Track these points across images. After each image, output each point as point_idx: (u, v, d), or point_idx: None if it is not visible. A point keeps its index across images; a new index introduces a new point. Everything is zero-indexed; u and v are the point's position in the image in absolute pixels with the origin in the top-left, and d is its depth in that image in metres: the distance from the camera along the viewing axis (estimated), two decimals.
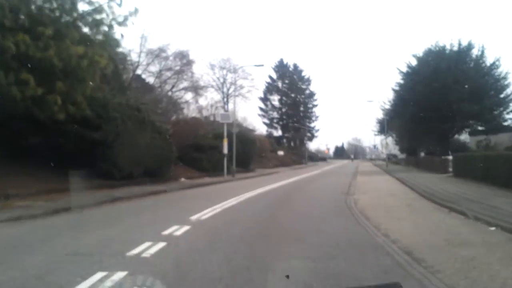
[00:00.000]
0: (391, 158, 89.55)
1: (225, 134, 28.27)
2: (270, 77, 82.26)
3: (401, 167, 43.64)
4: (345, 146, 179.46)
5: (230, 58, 72.58)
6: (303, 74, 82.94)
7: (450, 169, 24.99)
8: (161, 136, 21.52)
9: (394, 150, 57.51)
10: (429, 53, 33.48)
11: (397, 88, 38.65)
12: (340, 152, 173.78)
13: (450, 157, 26.13)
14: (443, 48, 32.81)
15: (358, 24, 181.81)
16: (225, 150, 28.11)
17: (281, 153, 59.23)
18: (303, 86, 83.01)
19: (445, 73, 30.73)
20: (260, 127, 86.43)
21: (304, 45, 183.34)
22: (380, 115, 61.98)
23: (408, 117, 36.36)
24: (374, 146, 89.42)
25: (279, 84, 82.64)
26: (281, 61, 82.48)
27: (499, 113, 30.90)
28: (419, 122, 35.14)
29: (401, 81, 37.35)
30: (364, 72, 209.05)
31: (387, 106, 60.36)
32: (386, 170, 38.68)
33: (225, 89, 76.44)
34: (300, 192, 18.43)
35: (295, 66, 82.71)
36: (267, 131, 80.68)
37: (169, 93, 47.73)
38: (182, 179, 24.45)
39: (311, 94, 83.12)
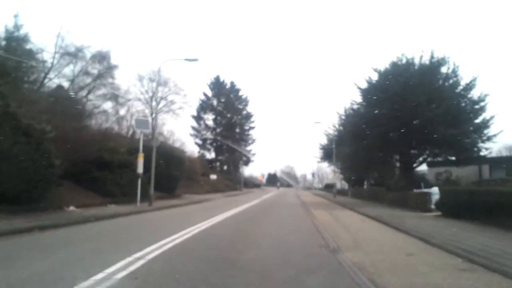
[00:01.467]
0: (329, 188, 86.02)
1: (141, 147, 20.96)
2: (205, 94, 75.76)
3: (352, 199, 38.22)
4: (278, 173, 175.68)
5: (161, 70, 65.21)
6: (240, 93, 77.33)
7: (433, 206, 19.45)
8: (32, 141, 13.79)
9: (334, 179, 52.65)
10: (394, 66, 28.56)
11: (351, 107, 33.35)
12: (272, 180, 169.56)
13: (432, 191, 20.65)
14: (411, 60, 28.04)
15: (302, 40, 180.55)
16: (140, 169, 20.75)
17: (214, 177, 52.20)
18: (240, 106, 77.11)
19: (416, 90, 25.77)
20: (191, 148, 79.13)
21: (242, 63, 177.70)
22: (324, 140, 57.61)
23: (362, 142, 31.06)
24: (313, 174, 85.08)
25: (214, 102, 76.16)
26: (217, 78, 76.33)
27: (472, 141, 26.29)
28: (377, 148, 29.94)
29: (355, 101, 32.12)
30: (304, 96, 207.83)
31: (331, 131, 56.24)
32: (339, 202, 32.98)
33: (154, 103, 68.91)
34: (250, 244, 10.30)
35: (232, 84, 76.91)
36: (199, 152, 73.48)
37: (84, 100, 39.84)
38: (71, 208, 16.66)
39: (248, 116, 77.41)
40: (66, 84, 35.84)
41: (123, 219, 15.74)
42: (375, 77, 29.62)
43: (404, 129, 27.52)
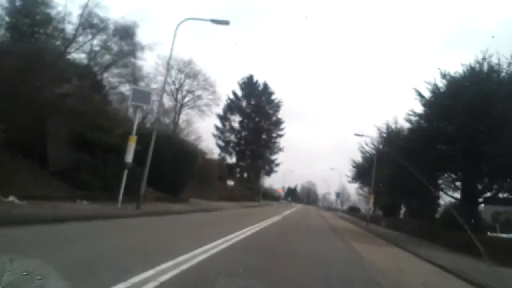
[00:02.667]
0: (354, 211, 79.22)
1: (135, 127, 15.69)
2: (234, 93, 70.65)
3: (389, 231, 31.99)
4: (298, 188, 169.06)
5: (193, 61, 60.57)
6: (273, 97, 71.76)
7: None
8: None
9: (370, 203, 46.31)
10: (472, 72, 22.49)
11: (408, 118, 27.20)
12: (292, 194, 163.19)
13: None
14: (497, 67, 21.94)
15: (349, 48, 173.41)
16: (129, 157, 15.43)
17: (231, 183, 46.82)
18: (270, 111, 71.61)
19: (501, 106, 19.72)
20: (212, 149, 74.16)
21: (278, 63, 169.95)
22: (358, 158, 51.51)
23: (414, 162, 24.92)
24: (337, 194, 78.66)
25: (244, 103, 70.96)
26: (250, 78, 71.24)
27: None
28: (433, 171, 24.00)
29: (413, 112, 26.04)
30: (339, 108, 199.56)
31: (369, 148, 50.06)
32: (376, 233, 26.95)
33: (179, 96, 64.48)
34: None
35: (266, 86, 71.49)
36: (220, 155, 68.22)
37: (99, 77, 35.39)
38: (10, 199, 11.39)
39: (278, 122, 71.76)
40: (85, 61, 31.39)
41: (77, 226, 10.36)
42: (441, 84, 23.66)
43: (477, 152, 21.48)
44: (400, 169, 30.33)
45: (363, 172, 49.23)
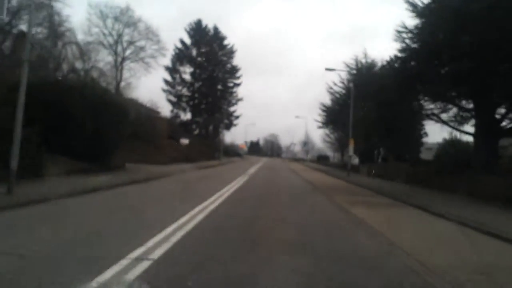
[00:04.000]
0: (323, 160, 74.57)
1: None
2: (182, 42, 62.40)
3: (377, 181, 26.93)
4: (261, 142, 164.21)
5: (130, 8, 52.03)
6: (225, 42, 64.09)
7: None
8: None
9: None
10: None
11: (396, 40, 21.25)
12: (255, 148, 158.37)
13: None
14: None
15: None
16: None
17: (185, 141, 40.23)
18: (224, 58, 64.18)
19: None
20: (163, 106, 66.84)
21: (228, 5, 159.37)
22: (327, 100, 45.83)
23: (409, 89, 19.99)
24: (304, 143, 73.42)
25: (194, 52, 63.05)
26: (198, 23, 62.86)
27: None
28: (439, 95, 18.90)
29: (403, 30, 20.11)
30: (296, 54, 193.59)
31: (338, 88, 44.26)
32: (369, 187, 21.64)
33: (119, 49, 56.26)
34: None
35: (216, 30, 63.50)
36: (172, 111, 60.99)
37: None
38: None
39: (234, 69, 64.34)
40: None
41: None
42: None
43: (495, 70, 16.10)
44: (380, 104, 25.02)
45: (334, 115, 43.88)
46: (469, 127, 21.41)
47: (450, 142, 24.09)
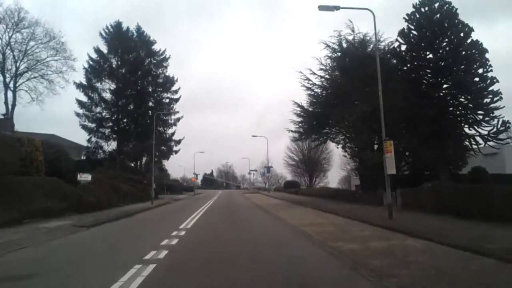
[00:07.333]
0: (292, 187, 59.96)
1: None
2: (98, 50, 47.35)
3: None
4: (215, 173, 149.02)
5: (22, 7, 37.90)
6: (155, 48, 49.78)
7: None
8: None
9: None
10: None
11: None
12: (209, 181, 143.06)
13: None
14: None
15: None
16: None
17: (86, 178, 25.04)
18: (155, 69, 49.76)
19: None
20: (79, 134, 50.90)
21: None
22: (294, 117, 32.21)
23: None
24: (268, 169, 58.94)
25: (114, 62, 48.23)
26: (118, 25, 48.26)
27: None
28: None
29: None
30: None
31: (317, 80, 30.61)
32: None
33: (9, 66, 41.22)
34: None
35: (140, 32, 49.13)
36: (89, 141, 45.41)
37: None
38: None
39: (168, 81, 49.66)
40: None
41: None
42: None
43: None
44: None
45: (315, 119, 30.18)
46: None
47: None
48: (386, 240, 11.45)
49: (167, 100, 49.61)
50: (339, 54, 28.32)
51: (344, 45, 28.28)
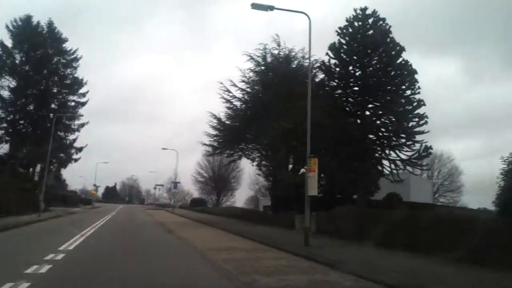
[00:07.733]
0: (197, 205, 58.52)
1: None
2: (1, 44, 43.43)
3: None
4: (118, 186, 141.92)
5: None
6: (65, 46, 46.59)
7: None
8: None
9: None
10: None
11: None
12: (112, 194, 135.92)
13: None
14: None
15: None
16: None
17: None
18: (63, 68, 46.39)
19: None
20: None
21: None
22: (209, 130, 31.46)
23: None
24: (175, 185, 56.95)
25: (18, 58, 44.33)
26: (27, 19, 44.59)
27: None
28: None
29: None
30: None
31: (238, 93, 30.13)
32: None
33: None
34: None
35: (51, 28, 45.80)
36: None
37: None
38: None
39: (77, 83, 46.34)
40: None
41: None
42: None
43: None
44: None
45: (232, 134, 29.27)
46: None
47: None
48: (307, 273, 10.34)
49: (73, 103, 46.33)
50: (263, 68, 28.32)
51: (269, 59, 28.60)
